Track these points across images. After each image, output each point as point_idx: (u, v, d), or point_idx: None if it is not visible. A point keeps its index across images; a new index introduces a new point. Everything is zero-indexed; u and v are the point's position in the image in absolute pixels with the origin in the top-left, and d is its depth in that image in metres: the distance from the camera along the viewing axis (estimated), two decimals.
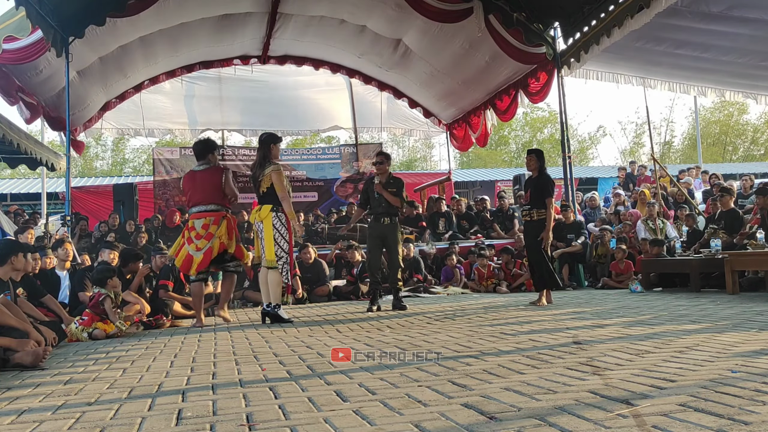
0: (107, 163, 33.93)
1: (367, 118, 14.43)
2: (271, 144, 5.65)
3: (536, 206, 6.17)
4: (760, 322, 4.02)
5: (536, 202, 6.18)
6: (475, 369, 2.80)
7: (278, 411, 2.17)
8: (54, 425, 2.13)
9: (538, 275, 6.21)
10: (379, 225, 6.34)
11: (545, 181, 6.25)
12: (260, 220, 5.46)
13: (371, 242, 6.49)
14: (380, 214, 6.34)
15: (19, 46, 7.79)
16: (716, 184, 10.18)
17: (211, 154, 5.78)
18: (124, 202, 13.18)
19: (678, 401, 2.04)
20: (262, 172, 5.48)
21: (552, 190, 6.29)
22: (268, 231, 5.41)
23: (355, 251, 8.70)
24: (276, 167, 5.49)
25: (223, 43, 11.10)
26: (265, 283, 5.47)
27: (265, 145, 5.63)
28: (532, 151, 6.51)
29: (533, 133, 36.21)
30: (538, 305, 6.04)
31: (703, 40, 8.12)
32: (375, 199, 6.36)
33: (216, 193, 5.57)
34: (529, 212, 6.23)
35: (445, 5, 8.94)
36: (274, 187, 5.42)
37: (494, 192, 18.68)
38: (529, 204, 6.25)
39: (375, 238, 6.41)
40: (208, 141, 6.05)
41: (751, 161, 31.48)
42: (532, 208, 6.20)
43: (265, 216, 5.42)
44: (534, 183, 6.29)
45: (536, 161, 6.32)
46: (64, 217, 8.80)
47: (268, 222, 5.41)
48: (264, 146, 5.64)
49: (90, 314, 5.01)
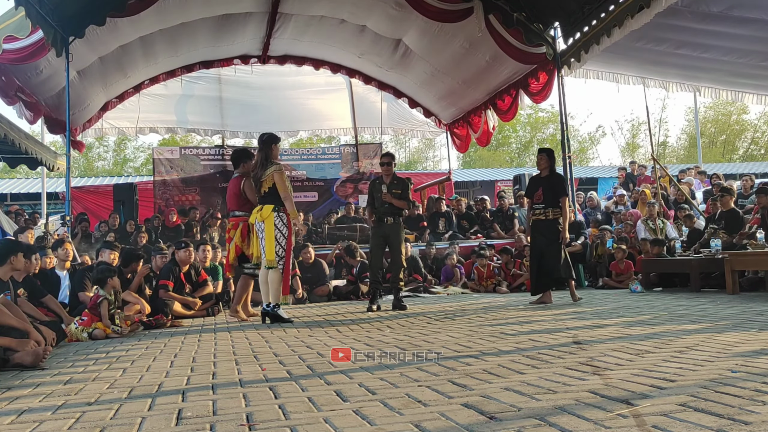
0: (109, 163, 33.95)
1: (367, 118, 14.43)
2: (272, 144, 5.69)
3: (551, 205, 6.19)
4: (760, 322, 4.02)
5: (551, 201, 6.20)
6: (475, 369, 2.80)
7: (278, 411, 2.17)
8: (54, 425, 2.13)
9: (546, 273, 6.21)
10: (383, 225, 6.36)
11: (560, 180, 6.31)
12: (261, 220, 5.47)
13: (374, 241, 6.49)
14: (384, 214, 6.35)
15: (19, 46, 7.79)
16: (716, 184, 10.18)
17: (244, 163, 6.06)
18: (124, 202, 13.17)
19: (678, 401, 2.03)
20: (264, 173, 5.50)
21: (567, 188, 6.35)
22: (270, 231, 5.42)
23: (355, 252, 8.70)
24: (278, 167, 5.52)
25: (223, 42, 11.10)
26: (266, 283, 5.48)
27: (266, 146, 5.66)
28: (543, 150, 6.50)
29: (534, 133, 36.23)
30: (547, 302, 6.09)
31: (704, 40, 8.12)
32: (379, 199, 6.37)
33: (238, 200, 5.96)
34: (543, 211, 6.22)
35: (445, 5, 8.94)
36: (276, 187, 5.44)
37: (494, 192, 18.69)
38: (543, 203, 6.23)
39: (378, 237, 6.41)
40: (240, 150, 6.47)
41: (751, 161, 31.50)
42: (546, 207, 6.20)
43: (266, 216, 5.42)
44: (547, 182, 6.28)
45: (547, 160, 6.34)
46: (64, 217, 8.80)
47: (269, 222, 5.42)
48: (265, 146, 5.66)
49: (89, 315, 5.01)
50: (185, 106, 13.48)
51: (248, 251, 5.89)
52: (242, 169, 6.06)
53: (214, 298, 6.96)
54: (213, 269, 7.43)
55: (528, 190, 6.58)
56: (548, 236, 6.21)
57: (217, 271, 7.43)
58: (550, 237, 6.19)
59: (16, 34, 7.34)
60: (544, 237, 6.24)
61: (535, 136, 36.17)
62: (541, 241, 6.28)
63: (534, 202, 6.33)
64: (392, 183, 6.38)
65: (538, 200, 6.29)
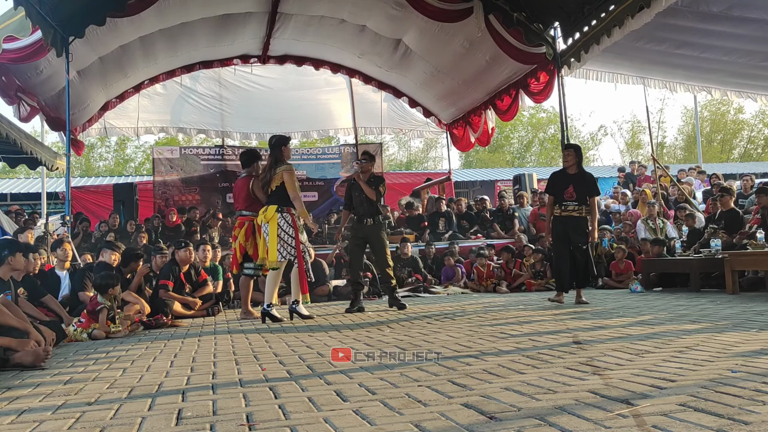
0: (111, 162, 33.96)
1: (367, 118, 14.42)
2: (282, 146, 5.73)
3: (584, 203, 6.15)
4: (760, 322, 4.02)
5: (583, 198, 6.15)
6: (475, 369, 2.80)
7: (278, 411, 2.17)
8: (54, 425, 2.13)
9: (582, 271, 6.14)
10: (362, 226, 6.33)
11: (592, 179, 6.30)
12: (266, 221, 5.48)
13: (353, 243, 6.49)
14: (362, 215, 6.33)
15: (19, 46, 7.78)
16: (716, 184, 10.18)
17: (255, 162, 6.19)
18: (124, 201, 13.16)
19: (678, 401, 2.03)
20: (274, 171, 5.53)
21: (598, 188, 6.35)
22: (273, 232, 5.44)
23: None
24: (288, 167, 5.59)
25: (223, 42, 11.10)
26: (271, 283, 5.52)
27: (276, 148, 5.70)
28: (570, 146, 6.42)
29: (535, 134, 36.25)
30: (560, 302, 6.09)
31: (704, 40, 8.11)
32: (357, 198, 6.37)
33: (246, 199, 6.08)
34: (577, 208, 6.14)
35: (445, 5, 8.93)
36: (285, 186, 5.46)
37: (494, 192, 18.69)
38: (576, 200, 6.14)
39: (358, 238, 6.40)
40: (249, 151, 6.62)
41: (748, 160, 31.51)
42: (580, 205, 6.14)
43: (270, 217, 5.45)
44: (579, 179, 6.19)
45: (575, 156, 6.27)
46: (64, 217, 8.79)
47: (273, 223, 5.44)
48: (275, 149, 5.70)
49: (87, 317, 5.02)
50: (184, 106, 13.46)
51: (251, 251, 5.94)
52: (252, 169, 6.14)
53: (214, 298, 6.96)
54: (213, 269, 7.44)
55: (555, 186, 6.34)
56: (581, 234, 6.14)
57: (217, 271, 7.44)
58: (583, 235, 6.13)
59: (16, 34, 7.33)
60: (577, 234, 6.12)
61: (536, 136, 36.18)
62: (574, 237, 6.12)
63: (565, 198, 6.18)
64: (369, 181, 6.38)
65: (570, 197, 6.15)
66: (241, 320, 5.97)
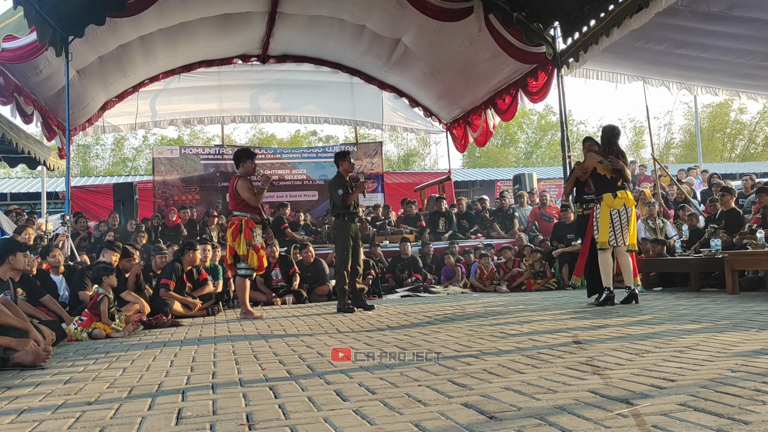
0: (107, 162, 33.92)
1: (367, 116, 14.40)
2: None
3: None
4: (760, 322, 4.02)
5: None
6: (475, 368, 2.80)
7: (278, 410, 2.17)
8: (54, 425, 2.13)
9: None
10: (354, 225, 6.42)
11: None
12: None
13: (346, 239, 6.36)
14: (354, 214, 6.42)
15: (18, 45, 7.78)
16: (716, 184, 10.18)
17: (243, 162, 6.18)
18: (124, 201, 13.13)
19: (678, 401, 2.03)
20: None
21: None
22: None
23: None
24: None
25: (223, 42, 11.10)
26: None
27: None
28: (588, 139, 6.29)
29: (543, 135, 36.32)
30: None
31: (703, 40, 8.12)
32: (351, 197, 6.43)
33: (233, 200, 6.13)
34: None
35: (445, 4, 8.94)
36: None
37: (494, 192, 18.68)
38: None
39: (353, 238, 6.41)
40: (241, 150, 6.64)
41: (749, 160, 31.50)
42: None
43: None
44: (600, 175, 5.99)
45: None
46: (64, 217, 8.78)
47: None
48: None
49: (89, 315, 5.01)
50: (182, 98, 13.37)
51: (240, 251, 5.99)
52: (242, 169, 6.12)
53: (214, 298, 6.95)
54: (213, 269, 7.44)
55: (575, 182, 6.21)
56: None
57: (217, 271, 7.43)
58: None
59: (15, 33, 7.33)
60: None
61: (543, 138, 36.27)
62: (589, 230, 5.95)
63: (586, 193, 6.12)
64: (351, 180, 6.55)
65: (590, 192, 6.05)
66: (241, 320, 5.97)
